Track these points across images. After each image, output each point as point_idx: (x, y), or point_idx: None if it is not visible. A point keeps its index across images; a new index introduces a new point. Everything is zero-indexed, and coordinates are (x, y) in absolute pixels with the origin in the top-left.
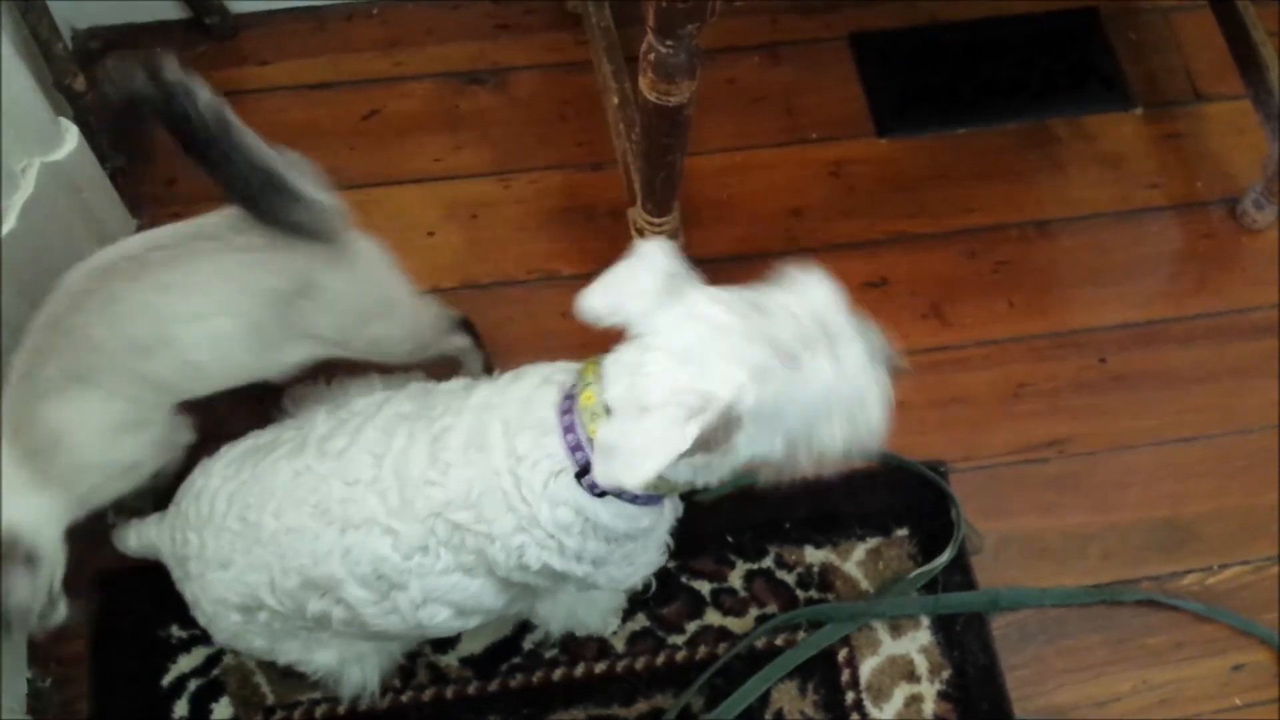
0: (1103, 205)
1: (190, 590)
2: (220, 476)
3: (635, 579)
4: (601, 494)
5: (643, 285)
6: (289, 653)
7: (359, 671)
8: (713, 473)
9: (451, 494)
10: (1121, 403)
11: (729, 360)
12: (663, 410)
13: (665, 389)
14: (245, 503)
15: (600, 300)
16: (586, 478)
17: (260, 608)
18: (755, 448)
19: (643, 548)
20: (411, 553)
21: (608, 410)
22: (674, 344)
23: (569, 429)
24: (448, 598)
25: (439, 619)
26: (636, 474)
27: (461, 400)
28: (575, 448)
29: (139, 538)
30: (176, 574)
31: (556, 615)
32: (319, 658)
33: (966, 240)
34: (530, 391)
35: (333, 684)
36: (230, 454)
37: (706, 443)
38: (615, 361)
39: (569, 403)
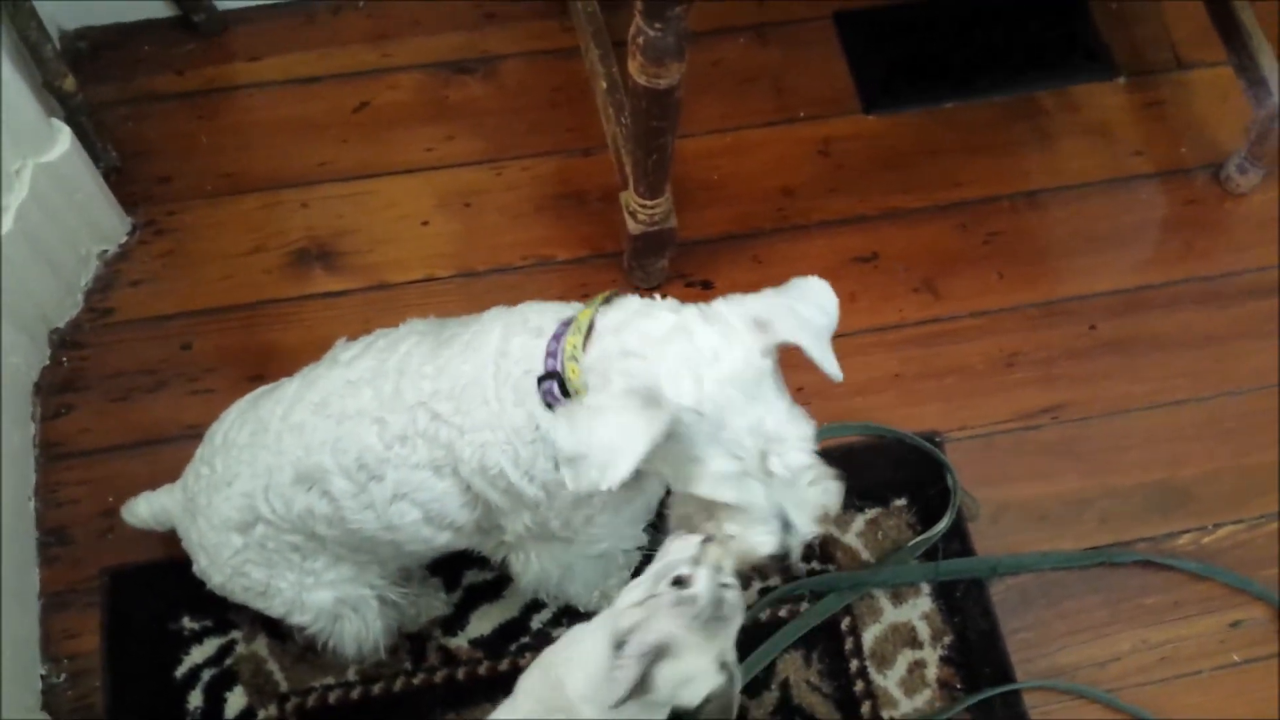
0: (1090, 175)
1: (195, 532)
2: (237, 410)
3: (601, 547)
4: (553, 391)
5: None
6: (284, 591)
7: (356, 620)
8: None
9: (440, 385)
10: (1113, 368)
11: (689, 376)
12: (615, 401)
13: (625, 373)
14: (258, 416)
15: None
16: (545, 383)
17: (256, 521)
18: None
19: (602, 510)
20: (392, 442)
21: (578, 356)
22: (655, 335)
23: (557, 337)
24: (416, 496)
25: (408, 519)
26: (613, 476)
27: (473, 318)
28: (551, 354)
29: (149, 505)
30: (184, 525)
31: (531, 572)
32: (314, 598)
33: (956, 213)
34: (541, 310)
35: (332, 638)
36: (250, 395)
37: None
38: (618, 308)
39: (569, 317)
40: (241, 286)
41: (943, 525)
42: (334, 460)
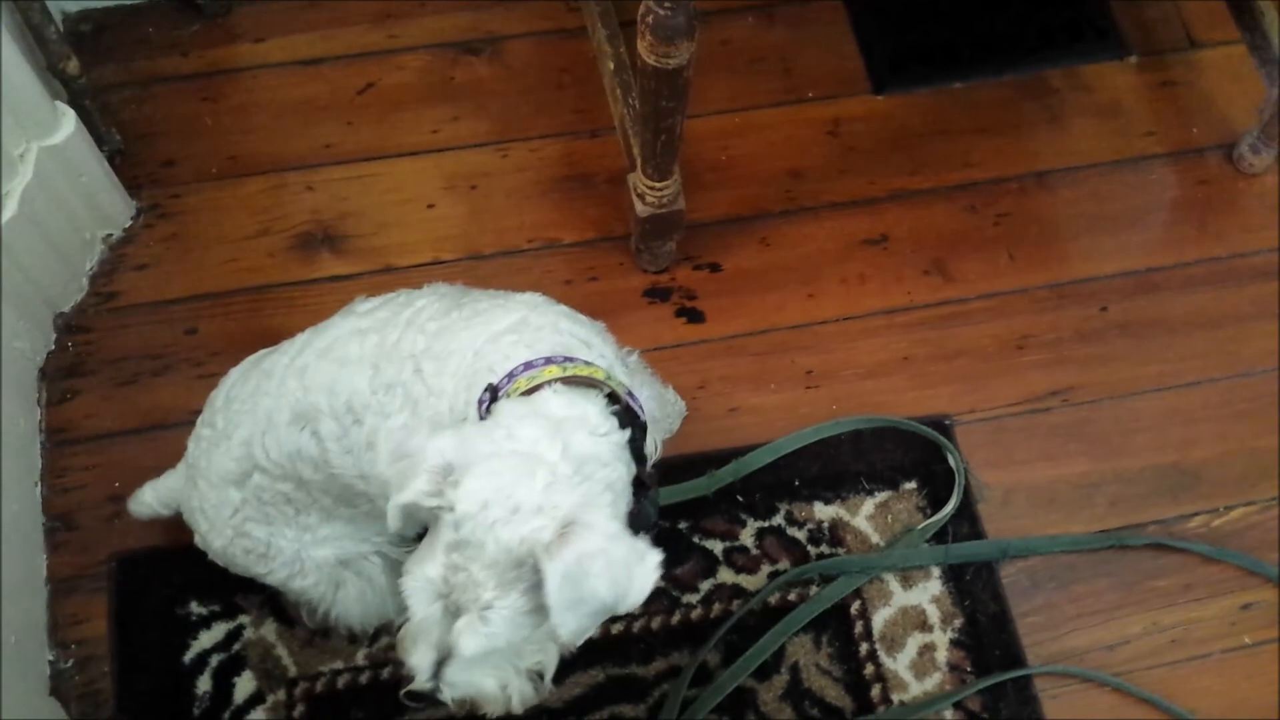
0: (1100, 155)
1: (196, 497)
2: (239, 371)
3: None
4: (483, 407)
5: None
6: (284, 551)
7: (359, 582)
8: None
9: (434, 344)
10: (1124, 350)
11: (483, 500)
12: (428, 450)
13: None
14: (263, 369)
15: None
16: (487, 394)
17: (253, 470)
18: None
19: None
20: (378, 389)
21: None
22: (522, 445)
23: (529, 364)
24: (384, 447)
25: (377, 469)
26: (395, 496)
27: (504, 295)
28: (511, 375)
29: (155, 491)
30: (185, 495)
31: None
32: (315, 556)
33: (966, 194)
34: (566, 330)
35: (335, 606)
36: (251, 357)
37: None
38: (566, 396)
39: (561, 357)
40: (247, 270)
41: (950, 507)
42: (328, 401)
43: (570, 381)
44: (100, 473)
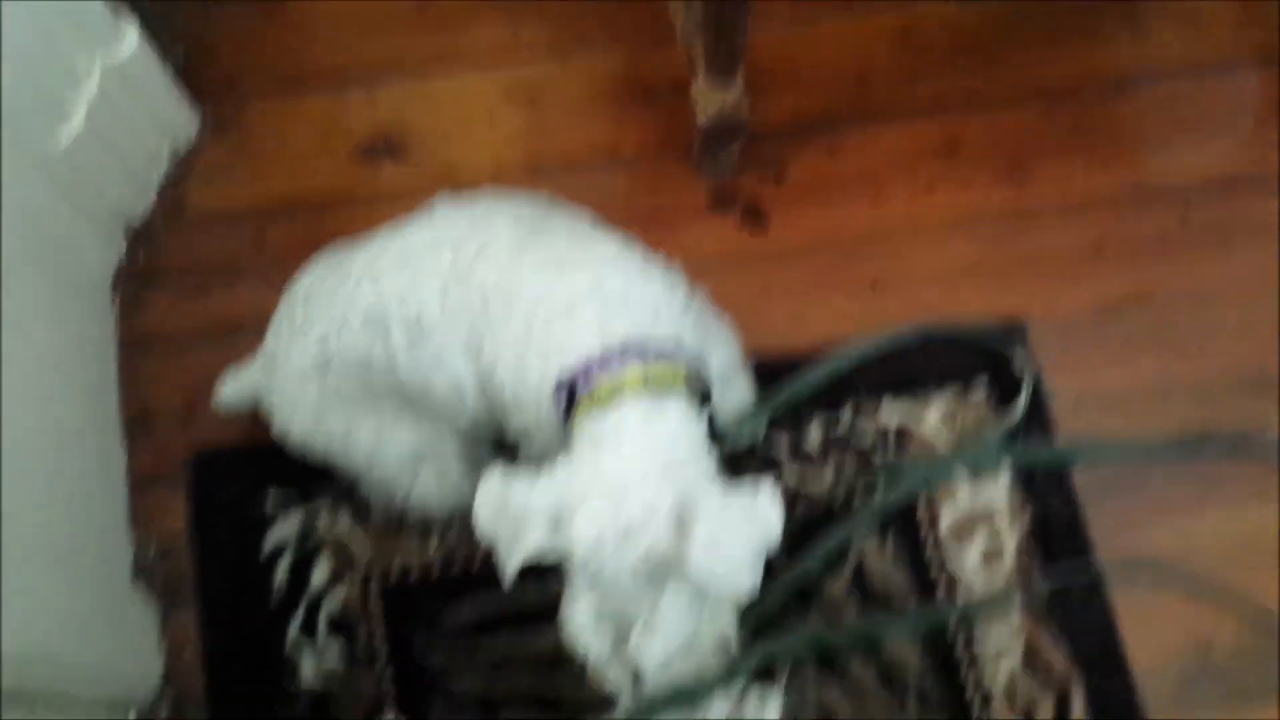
0: (1180, 60)
1: (276, 387)
2: (322, 266)
3: None
4: (561, 403)
5: None
6: (363, 442)
7: (435, 462)
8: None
9: (502, 281)
10: (1202, 256)
11: (598, 531)
12: (534, 503)
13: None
14: (343, 269)
15: None
16: (563, 383)
17: (328, 363)
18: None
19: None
20: (446, 310)
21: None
22: (609, 477)
23: (604, 361)
24: (446, 369)
25: (440, 386)
26: (505, 561)
27: (587, 242)
28: (585, 373)
29: (235, 384)
30: (265, 387)
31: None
32: (393, 443)
33: (1041, 101)
34: (637, 303)
35: (413, 490)
36: (331, 252)
37: None
38: (645, 414)
39: (621, 350)
40: (311, 182)
41: (1018, 410)
42: (398, 309)
43: (651, 385)
44: (174, 377)
